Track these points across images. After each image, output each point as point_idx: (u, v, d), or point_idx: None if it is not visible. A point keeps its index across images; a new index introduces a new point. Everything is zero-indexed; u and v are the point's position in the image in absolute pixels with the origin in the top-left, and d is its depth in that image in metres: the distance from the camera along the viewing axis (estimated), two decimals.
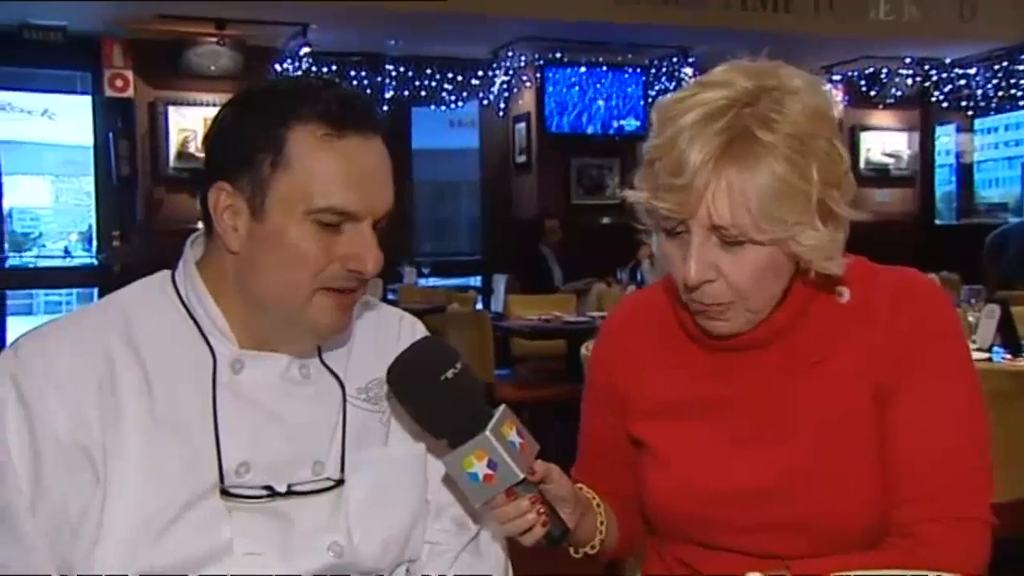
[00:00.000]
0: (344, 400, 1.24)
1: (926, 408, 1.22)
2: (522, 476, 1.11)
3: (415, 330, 1.36)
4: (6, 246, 8.24)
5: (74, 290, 9.14)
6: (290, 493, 1.18)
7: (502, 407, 1.14)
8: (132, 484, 1.11)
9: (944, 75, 10.35)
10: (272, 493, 1.17)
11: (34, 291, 9.45)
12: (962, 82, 10.33)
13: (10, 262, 8.27)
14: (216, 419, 1.15)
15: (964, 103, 10.50)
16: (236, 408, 1.17)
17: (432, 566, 1.30)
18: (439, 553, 1.30)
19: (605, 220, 9.31)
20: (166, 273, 1.24)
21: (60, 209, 9.99)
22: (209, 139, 1.19)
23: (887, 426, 1.23)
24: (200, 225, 1.22)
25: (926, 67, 10.29)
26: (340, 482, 1.21)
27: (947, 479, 1.21)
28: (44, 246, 9.46)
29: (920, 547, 1.19)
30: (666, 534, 1.37)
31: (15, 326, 8.01)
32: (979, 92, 10.27)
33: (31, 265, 8.83)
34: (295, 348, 1.22)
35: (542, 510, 1.14)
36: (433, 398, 1.12)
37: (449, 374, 1.11)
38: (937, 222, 11.21)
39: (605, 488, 1.38)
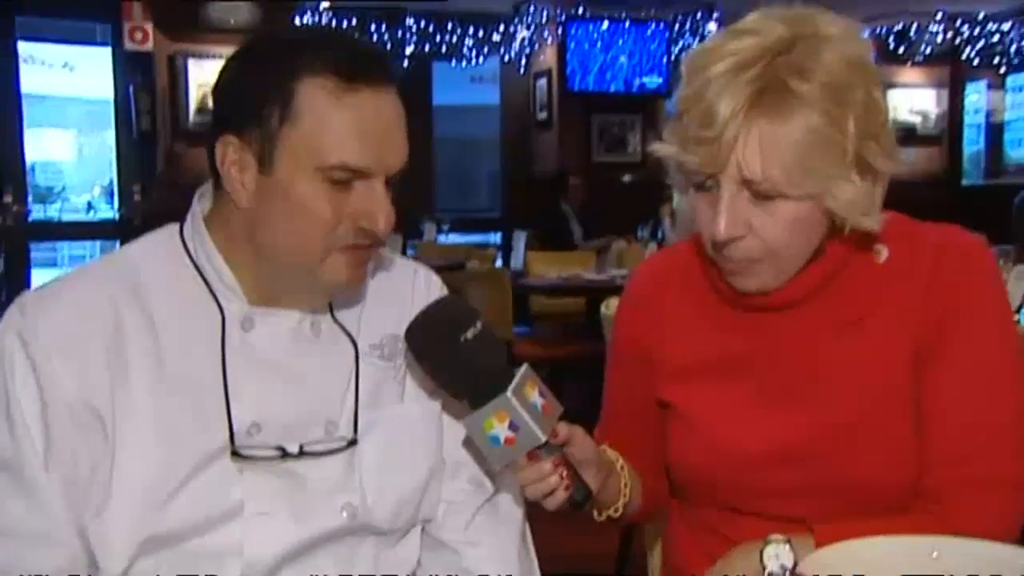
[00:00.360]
0: (357, 357, 1.22)
1: (962, 368, 1.19)
2: (544, 438, 1.08)
3: (430, 283, 1.33)
4: (30, 199, 8.26)
5: (97, 242, 9.17)
6: (302, 454, 1.16)
7: (524, 367, 1.10)
8: (142, 444, 1.09)
9: (976, 30, 10.13)
10: (284, 454, 1.15)
11: (58, 243, 9.48)
12: (995, 38, 10.12)
13: (34, 215, 8.30)
14: (226, 378, 1.13)
15: (996, 59, 10.29)
16: (246, 367, 1.15)
17: (448, 525, 1.28)
18: (455, 512, 1.28)
19: (626, 178, 9.26)
20: (174, 227, 1.21)
21: (83, 162, 9.99)
22: (216, 91, 1.15)
23: (923, 386, 1.20)
24: None
25: (957, 22, 10.07)
26: (353, 442, 1.19)
27: (980, 441, 1.17)
28: (68, 199, 9.47)
29: (949, 512, 1.16)
30: (692, 498, 1.34)
31: (40, 278, 8.04)
32: (1012, 48, 10.06)
33: (55, 219, 8.85)
34: (306, 302, 1.19)
35: (565, 473, 1.11)
36: (453, 359, 1.10)
37: (469, 334, 1.08)
38: (964, 182, 11.05)
39: (628, 449, 1.34)
